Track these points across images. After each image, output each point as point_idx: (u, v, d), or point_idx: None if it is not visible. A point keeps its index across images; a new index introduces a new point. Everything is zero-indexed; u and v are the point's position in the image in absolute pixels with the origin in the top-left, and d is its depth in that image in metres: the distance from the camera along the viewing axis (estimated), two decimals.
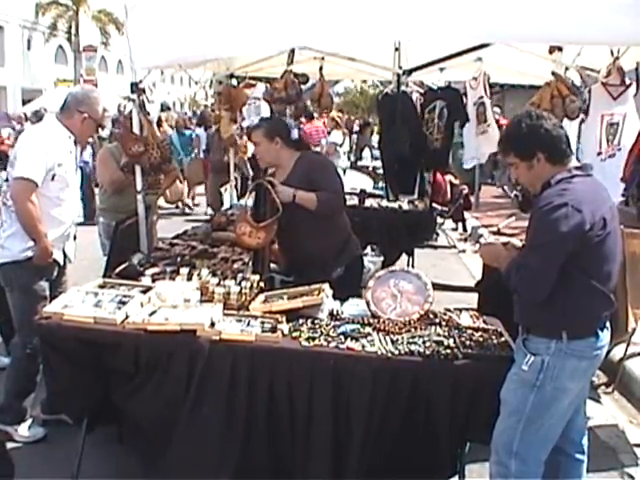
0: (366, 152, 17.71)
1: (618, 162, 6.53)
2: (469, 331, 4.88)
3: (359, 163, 16.99)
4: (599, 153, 6.89)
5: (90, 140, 11.09)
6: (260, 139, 6.02)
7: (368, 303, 5.11)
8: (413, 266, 9.09)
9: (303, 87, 8.22)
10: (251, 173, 11.62)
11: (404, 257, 9.77)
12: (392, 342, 4.63)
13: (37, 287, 5.79)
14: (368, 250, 9.85)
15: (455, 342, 4.62)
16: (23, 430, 5.89)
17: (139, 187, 6.61)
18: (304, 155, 6.12)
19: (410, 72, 9.33)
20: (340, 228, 6.19)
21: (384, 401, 4.43)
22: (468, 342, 4.66)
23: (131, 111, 6.72)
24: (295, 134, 6.20)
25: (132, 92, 6.45)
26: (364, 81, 30.17)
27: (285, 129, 6.14)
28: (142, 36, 6.05)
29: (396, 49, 8.31)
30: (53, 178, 5.65)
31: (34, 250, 5.66)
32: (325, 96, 8.77)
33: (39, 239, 5.63)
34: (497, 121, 10.05)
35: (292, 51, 7.49)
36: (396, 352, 4.48)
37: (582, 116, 6.48)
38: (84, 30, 49.51)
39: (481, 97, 8.96)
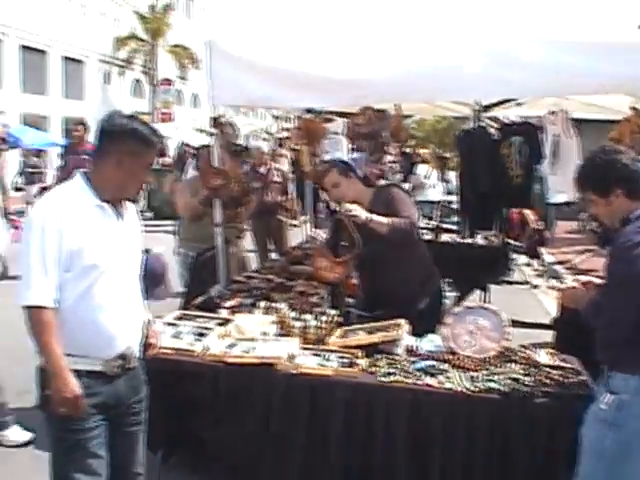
0: (439, 187, 17.64)
1: None
2: (547, 369, 4.80)
3: (428, 197, 16.87)
4: None
5: None
6: (337, 179, 5.98)
7: (446, 339, 5.09)
8: (488, 302, 9.03)
9: None
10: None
11: (477, 292, 9.71)
12: (470, 379, 4.60)
13: None
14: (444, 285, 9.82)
15: (533, 380, 4.57)
16: (12, 435, 6.28)
17: (218, 220, 6.69)
18: (380, 189, 6.14)
19: (487, 108, 9.32)
20: (422, 258, 6.16)
21: (461, 438, 4.40)
22: (546, 380, 4.59)
23: (211, 145, 6.82)
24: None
25: (213, 126, 6.56)
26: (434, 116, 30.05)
27: (351, 166, 6.21)
28: (223, 74, 6.16)
29: None
30: None
31: None
32: (403, 130, 8.77)
33: None
34: None
35: None
36: (474, 389, 4.45)
37: None
38: (161, 64, 50.39)
39: (558, 135, 8.86)
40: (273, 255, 10.63)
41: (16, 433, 6.29)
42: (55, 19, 43.83)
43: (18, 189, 24.33)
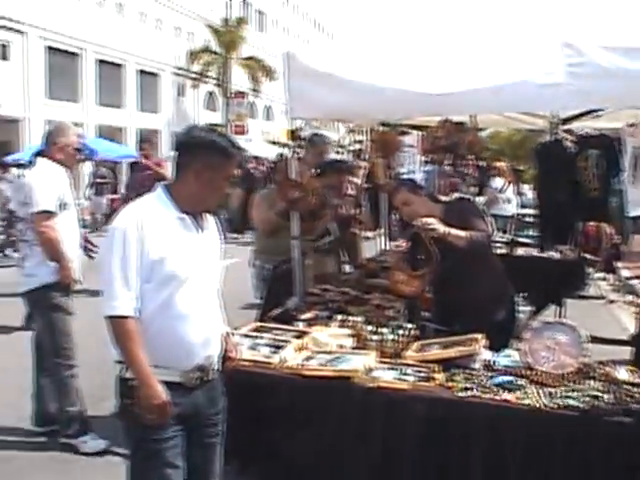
0: (514, 200, 17.43)
1: None
2: (627, 386, 4.69)
3: (503, 211, 16.69)
4: None
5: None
6: (407, 197, 6.06)
7: (523, 354, 5.04)
8: (564, 317, 8.92)
9: None
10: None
11: (551, 306, 9.61)
12: (548, 395, 4.54)
13: (66, 305, 6.43)
14: (518, 299, 9.73)
15: (613, 398, 4.48)
16: (88, 442, 6.41)
17: (296, 233, 6.74)
18: (452, 203, 6.17)
19: (565, 121, 9.22)
20: (496, 271, 6.18)
21: (539, 455, 4.34)
22: (627, 398, 4.49)
23: (287, 157, 6.88)
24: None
25: (292, 140, 6.61)
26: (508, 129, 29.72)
27: (419, 183, 6.26)
28: (301, 86, 6.19)
29: None
30: (64, 207, 6.33)
31: (59, 272, 6.26)
32: (479, 143, 8.75)
33: (64, 261, 6.27)
34: None
35: None
36: (553, 406, 4.39)
37: None
38: (234, 76, 50.85)
39: (639, 147, 8.72)
40: (346, 268, 10.64)
41: (92, 441, 6.40)
42: (131, 33, 44.68)
43: (88, 199, 24.83)
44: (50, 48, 39.02)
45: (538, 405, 4.40)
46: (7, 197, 18.57)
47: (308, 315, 6.01)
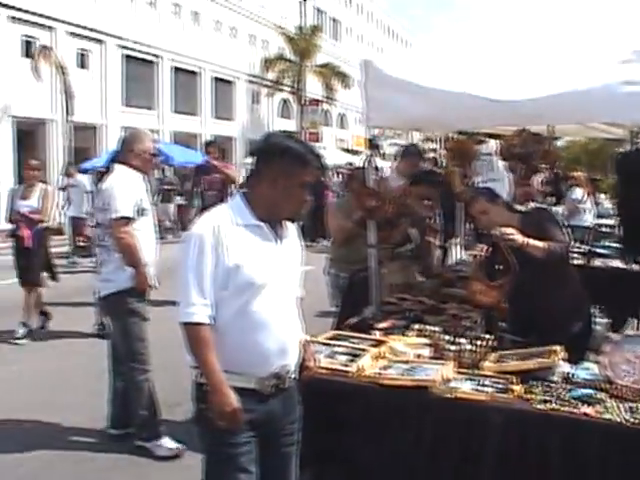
0: (593, 210, 17.19)
1: None
2: None
3: (582, 222, 16.47)
4: None
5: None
6: (485, 206, 6.02)
7: (603, 368, 4.97)
8: None
9: None
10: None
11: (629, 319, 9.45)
12: (629, 410, 4.44)
13: (142, 310, 6.54)
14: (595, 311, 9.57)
15: None
16: (163, 446, 6.52)
17: (372, 241, 6.74)
18: (529, 213, 6.12)
19: None
20: (573, 282, 6.12)
21: (618, 471, 4.24)
22: None
23: (364, 166, 6.89)
24: None
25: (371, 148, 6.63)
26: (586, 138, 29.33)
27: (496, 193, 6.21)
28: (378, 95, 6.18)
29: None
30: (142, 213, 6.47)
31: (135, 277, 6.38)
32: (553, 152, 8.66)
33: (141, 266, 6.40)
34: None
35: None
36: (634, 421, 4.29)
37: None
38: (308, 84, 51.06)
39: None
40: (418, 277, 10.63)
41: (167, 444, 6.48)
42: (206, 41, 45.21)
43: (155, 205, 25.15)
44: (127, 56, 39.70)
45: (619, 420, 4.32)
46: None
47: (385, 324, 6.00)
